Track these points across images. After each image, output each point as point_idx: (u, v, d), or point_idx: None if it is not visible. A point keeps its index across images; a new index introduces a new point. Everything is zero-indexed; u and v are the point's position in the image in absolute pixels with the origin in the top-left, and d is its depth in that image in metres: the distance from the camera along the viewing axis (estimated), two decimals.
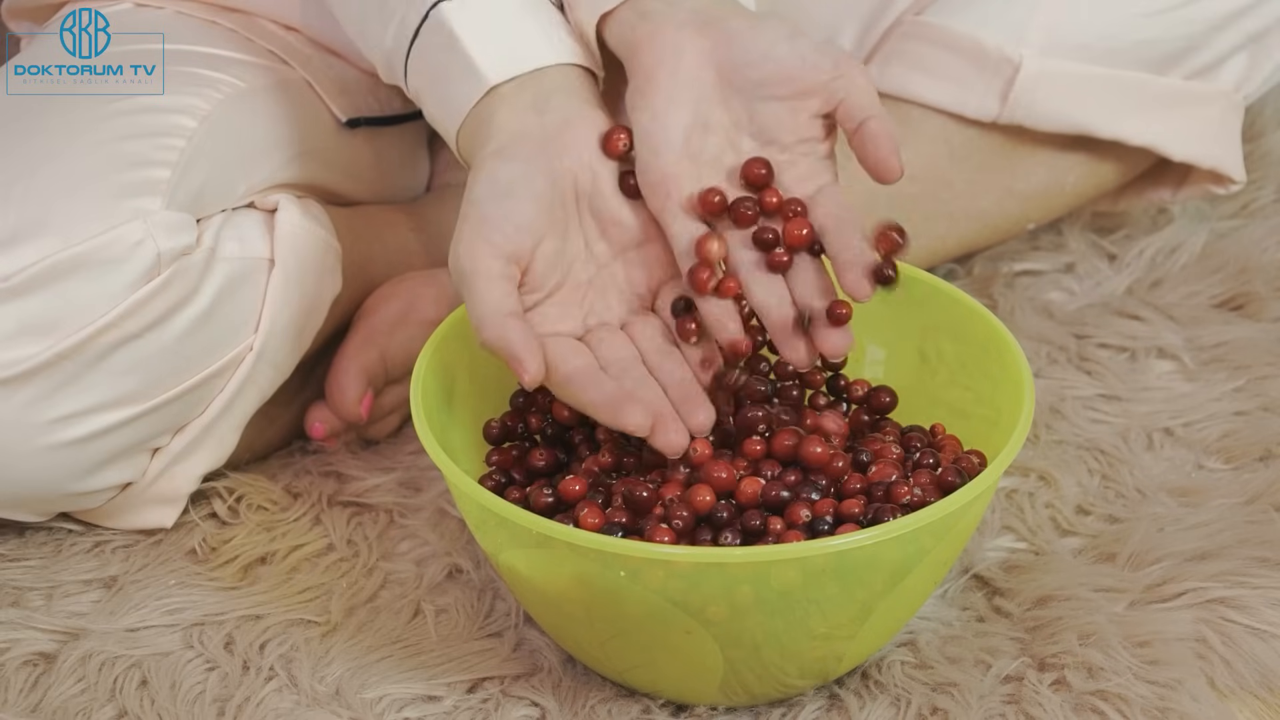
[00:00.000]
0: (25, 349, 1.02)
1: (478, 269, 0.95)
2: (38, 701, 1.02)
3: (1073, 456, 1.18)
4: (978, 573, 1.09)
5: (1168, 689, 1.00)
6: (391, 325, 1.18)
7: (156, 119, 1.08)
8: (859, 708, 1.00)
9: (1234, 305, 1.34)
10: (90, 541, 1.13)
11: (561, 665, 1.03)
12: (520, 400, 1.04)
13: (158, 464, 1.10)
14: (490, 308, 0.94)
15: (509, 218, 0.96)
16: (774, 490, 0.96)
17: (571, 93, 1.00)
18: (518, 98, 0.99)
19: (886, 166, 0.97)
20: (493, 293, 0.95)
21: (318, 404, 1.18)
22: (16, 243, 1.02)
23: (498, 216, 0.96)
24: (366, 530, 1.14)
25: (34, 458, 1.05)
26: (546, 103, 0.99)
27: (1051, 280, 1.36)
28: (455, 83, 1.00)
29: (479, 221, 0.96)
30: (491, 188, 0.96)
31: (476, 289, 0.95)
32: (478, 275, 0.95)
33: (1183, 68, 1.27)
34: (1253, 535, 1.10)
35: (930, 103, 1.27)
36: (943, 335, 1.08)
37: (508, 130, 0.98)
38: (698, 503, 0.95)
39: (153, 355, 1.06)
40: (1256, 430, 1.20)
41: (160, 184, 1.05)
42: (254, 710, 1.01)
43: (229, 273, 1.08)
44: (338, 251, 1.15)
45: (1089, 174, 1.31)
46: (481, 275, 0.95)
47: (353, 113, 1.22)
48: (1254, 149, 1.47)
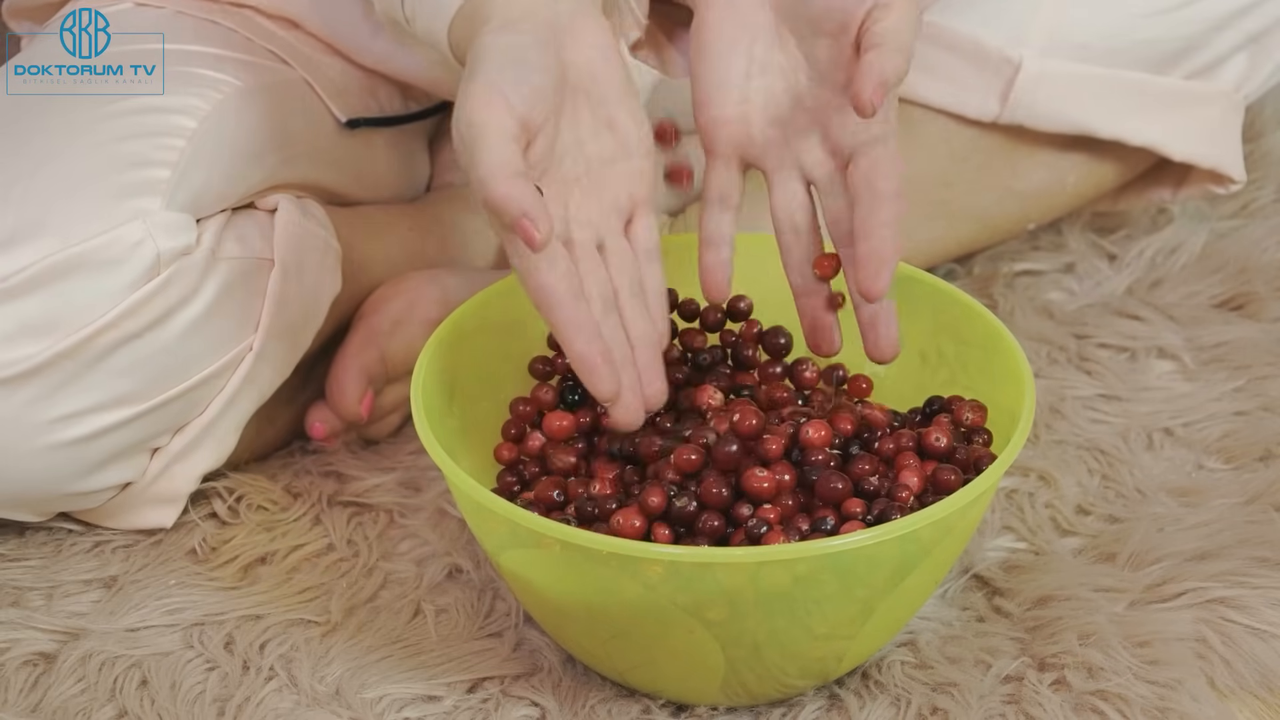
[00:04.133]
0: (25, 349, 1.02)
1: (489, 123, 0.90)
2: (38, 701, 1.02)
3: (1073, 456, 1.18)
4: (978, 573, 1.09)
5: (1168, 689, 1.00)
6: (392, 325, 1.18)
7: (156, 119, 1.08)
8: (859, 708, 1.00)
9: (1234, 305, 1.34)
10: (90, 541, 1.13)
11: (561, 665, 1.03)
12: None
13: (157, 464, 1.10)
14: (500, 163, 0.89)
15: (524, 80, 0.91)
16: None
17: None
18: None
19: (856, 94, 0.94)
20: (505, 149, 0.89)
21: (318, 404, 1.18)
22: (16, 243, 1.02)
23: (512, 78, 0.91)
24: (366, 530, 1.14)
25: (34, 458, 1.05)
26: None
27: (1051, 280, 1.36)
28: None
29: (494, 75, 0.91)
30: (504, 54, 0.92)
31: (488, 143, 0.89)
32: (489, 129, 0.89)
33: (1183, 68, 1.27)
34: (1253, 535, 1.10)
35: (931, 103, 1.27)
36: (943, 335, 1.08)
37: (516, 7, 0.94)
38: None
39: (152, 355, 1.06)
40: (1256, 430, 1.20)
41: (160, 184, 1.05)
42: (254, 710, 1.01)
43: (229, 273, 1.08)
44: (337, 252, 1.15)
45: (1089, 174, 1.31)
46: (494, 130, 0.89)
47: (352, 113, 1.22)
48: (1254, 149, 1.47)
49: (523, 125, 0.91)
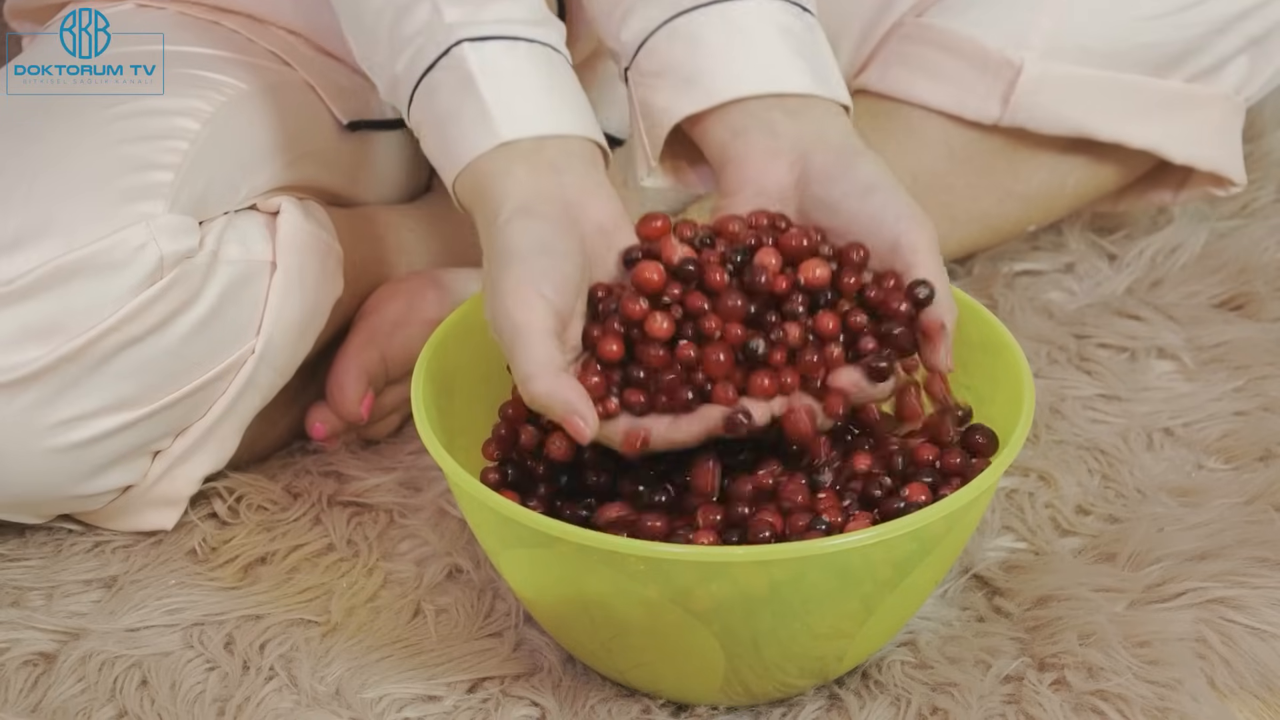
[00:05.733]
0: (28, 353, 1.02)
1: (532, 323, 0.92)
2: (38, 701, 1.02)
3: (1073, 456, 1.18)
4: (978, 573, 1.09)
5: (1168, 689, 1.00)
6: (392, 325, 1.18)
7: (159, 121, 1.08)
8: (859, 708, 1.00)
9: (1234, 305, 1.34)
10: (90, 541, 1.13)
11: (561, 665, 1.03)
12: (509, 412, 1.03)
13: (159, 466, 1.11)
14: (543, 362, 0.92)
15: (556, 271, 0.94)
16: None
17: (588, 163, 0.99)
18: (537, 156, 0.97)
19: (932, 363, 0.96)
20: (545, 346, 0.92)
21: (318, 404, 1.18)
22: (19, 247, 1.02)
23: (545, 270, 0.94)
24: (366, 530, 1.14)
25: (36, 461, 1.05)
26: (567, 164, 0.98)
27: (1051, 280, 1.36)
28: (465, 126, 0.98)
29: (526, 271, 0.93)
30: (532, 241, 0.94)
31: (531, 343, 0.92)
32: (532, 330, 0.92)
33: (1183, 70, 1.27)
34: (1253, 535, 1.10)
35: (931, 105, 1.27)
36: None
37: (530, 187, 0.96)
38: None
39: (155, 358, 1.06)
40: (1256, 430, 1.20)
41: (163, 187, 1.05)
42: (254, 710, 1.01)
43: (231, 276, 1.08)
44: (339, 254, 1.15)
45: (1090, 176, 1.31)
46: (537, 330, 0.92)
47: (354, 115, 1.22)
48: (1254, 149, 1.47)
49: (559, 317, 0.93)
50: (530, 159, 0.97)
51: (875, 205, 0.97)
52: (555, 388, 0.91)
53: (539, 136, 0.98)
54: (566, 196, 0.97)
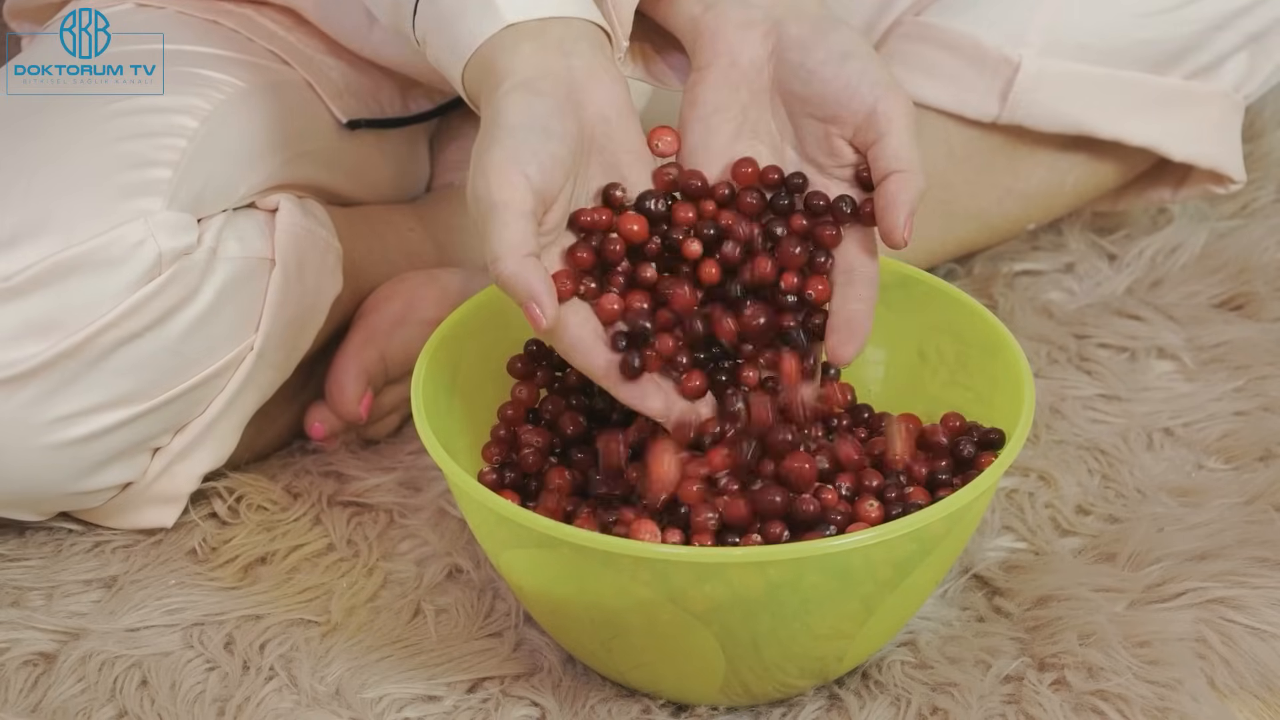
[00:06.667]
0: (26, 349, 1.02)
1: (509, 200, 0.90)
2: (38, 701, 1.02)
3: (1073, 456, 1.18)
4: (978, 573, 1.09)
5: (1168, 689, 1.00)
6: (391, 325, 1.18)
7: (158, 119, 1.08)
8: (859, 708, 1.00)
9: (1234, 305, 1.34)
10: (90, 541, 1.13)
11: (561, 665, 1.03)
12: (534, 348, 1.03)
13: (158, 464, 1.11)
14: (513, 244, 0.90)
15: (545, 150, 0.92)
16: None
17: (595, 46, 0.97)
18: (543, 36, 0.96)
19: (890, 230, 0.95)
20: (519, 228, 0.90)
21: (317, 404, 1.18)
22: (18, 243, 1.02)
23: (534, 147, 0.92)
24: (366, 530, 1.14)
25: (34, 457, 1.05)
26: (574, 47, 0.96)
27: (1051, 280, 1.36)
28: (469, 17, 0.97)
29: (514, 148, 0.91)
30: (527, 117, 0.92)
31: (504, 220, 0.90)
32: (508, 207, 0.90)
33: (1182, 68, 1.27)
34: (1253, 535, 1.10)
35: (930, 103, 1.27)
36: (943, 335, 1.08)
37: (535, 65, 0.95)
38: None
39: (153, 355, 1.06)
40: (1256, 430, 1.20)
41: (161, 184, 1.05)
42: (254, 710, 1.01)
43: (230, 273, 1.08)
44: (338, 252, 1.15)
45: (1089, 174, 1.31)
46: (512, 208, 0.90)
47: (353, 114, 1.22)
48: (1254, 149, 1.47)
49: (540, 198, 0.92)
50: (537, 38, 0.95)
51: (852, 72, 0.97)
52: (519, 270, 0.89)
53: (543, 18, 0.96)
54: (573, 79, 0.95)
